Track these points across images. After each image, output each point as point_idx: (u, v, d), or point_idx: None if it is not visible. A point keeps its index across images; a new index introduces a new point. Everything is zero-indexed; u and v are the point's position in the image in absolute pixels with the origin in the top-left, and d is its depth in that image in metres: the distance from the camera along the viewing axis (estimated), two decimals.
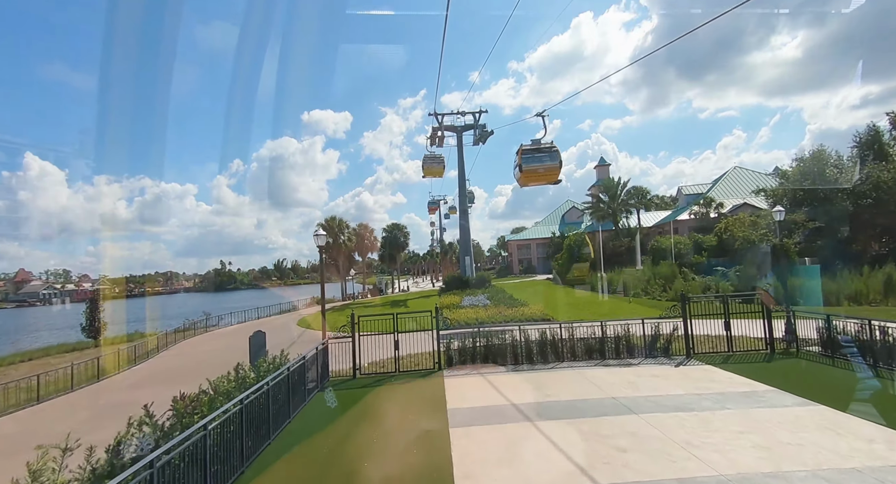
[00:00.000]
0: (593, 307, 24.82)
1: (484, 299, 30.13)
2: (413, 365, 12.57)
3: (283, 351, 10.34)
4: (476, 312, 23.85)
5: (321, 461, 6.91)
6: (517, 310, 23.77)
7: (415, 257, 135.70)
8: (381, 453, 7.05)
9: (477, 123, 43.81)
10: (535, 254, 60.36)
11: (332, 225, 43.10)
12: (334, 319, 26.62)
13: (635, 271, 35.32)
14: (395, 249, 50.52)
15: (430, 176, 40.81)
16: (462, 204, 42.81)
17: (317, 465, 6.80)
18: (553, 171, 13.77)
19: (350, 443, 7.57)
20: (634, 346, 12.58)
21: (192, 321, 36.57)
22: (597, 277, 35.45)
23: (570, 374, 11.03)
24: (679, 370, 10.88)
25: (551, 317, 22.15)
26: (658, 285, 31.27)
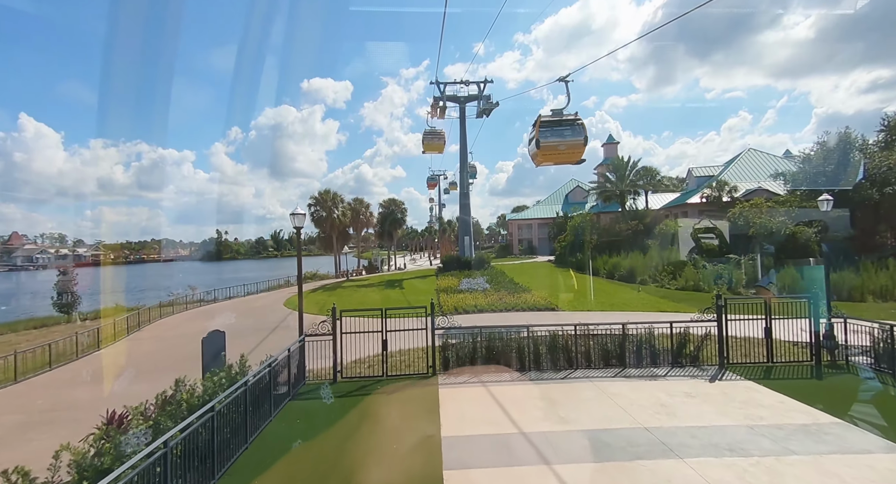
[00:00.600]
0: (600, 295, 23.21)
1: (483, 283, 28.51)
2: (404, 366, 10.91)
3: (244, 357, 8.61)
4: (475, 298, 22.25)
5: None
6: (519, 297, 22.16)
7: (413, 233, 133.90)
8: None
9: (481, 94, 41.26)
10: (536, 234, 58.58)
11: (325, 198, 41.05)
12: (324, 299, 24.99)
13: (642, 256, 33.60)
14: (392, 225, 48.61)
15: (430, 152, 39.51)
16: (463, 181, 40.70)
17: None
18: (576, 149, 11.61)
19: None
20: (658, 350, 10.91)
21: (177, 295, 35.02)
22: (602, 262, 33.81)
23: (586, 387, 9.39)
24: (717, 387, 9.24)
25: (555, 306, 20.56)
26: (667, 272, 29.65)
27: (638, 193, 42.48)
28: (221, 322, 20.12)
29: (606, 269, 32.81)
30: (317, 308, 22.03)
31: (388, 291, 26.81)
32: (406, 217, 53.46)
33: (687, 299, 22.21)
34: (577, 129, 11.38)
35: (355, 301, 23.81)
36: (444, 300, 21.95)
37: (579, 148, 11.56)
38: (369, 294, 25.88)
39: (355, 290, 28.61)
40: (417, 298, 23.80)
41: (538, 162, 11.94)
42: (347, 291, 27.91)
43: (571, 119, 11.52)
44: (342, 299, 24.33)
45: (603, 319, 17.97)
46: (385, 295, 25.21)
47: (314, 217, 40.81)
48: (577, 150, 11.61)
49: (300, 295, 11.02)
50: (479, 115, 42.38)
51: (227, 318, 21.29)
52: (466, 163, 40.85)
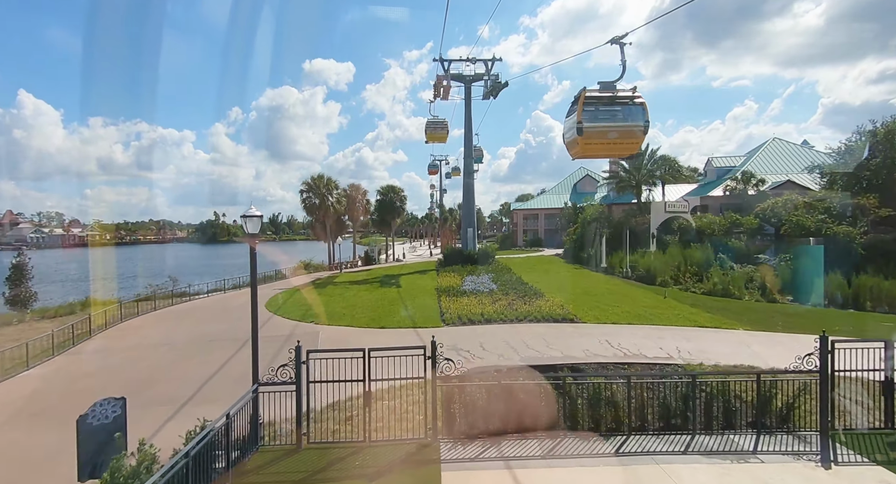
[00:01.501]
0: (622, 301, 20.48)
1: (489, 282, 25.75)
2: (395, 423, 8.12)
3: (145, 449, 5.79)
4: (481, 303, 19.51)
5: None
6: (532, 304, 19.41)
7: (413, 220, 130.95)
8: None
9: (489, 73, 37.85)
10: (542, 225, 55.66)
11: (318, 184, 38.04)
12: (310, 300, 22.27)
13: (661, 254, 30.79)
14: (390, 213, 45.64)
15: (433, 141, 37.67)
16: (467, 168, 37.61)
17: None
18: (632, 138, 8.32)
19: None
20: (734, 405, 8.15)
21: (156, 288, 32.30)
22: (617, 260, 31.01)
23: (650, 473, 6.66)
24: (837, 478, 6.50)
25: (574, 316, 17.84)
26: (691, 273, 26.91)
27: (655, 184, 39.46)
28: (185, 330, 17.41)
29: (622, 267, 30.03)
30: (300, 312, 19.32)
31: (384, 291, 24.06)
32: (405, 205, 50.51)
33: (722, 309, 19.50)
34: (636, 111, 8.26)
35: (345, 303, 21.08)
36: (447, 305, 19.23)
37: (636, 136, 8.38)
38: (361, 294, 23.14)
39: (347, 288, 25.86)
40: (416, 301, 21.09)
41: (578, 153, 8.76)
42: (339, 289, 25.17)
43: (628, 96, 8.42)
44: (331, 301, 21.61)
45: (632, 334, 15.34)
46: (380, 296, 22.47)
47: (306, 204, 37.90)
48: (634, 140, 8.42)
49: (254, 336, 8.15)
50: (485, 96, 38.99)
51: (194, 322, 18.58)
52: (471, 148, 37.72)
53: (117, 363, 13.06)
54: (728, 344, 13.91)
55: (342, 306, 20.40)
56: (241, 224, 35.38)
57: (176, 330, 17.31)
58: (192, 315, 20.10)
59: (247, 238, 7.62)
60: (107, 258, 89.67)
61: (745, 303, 21.77)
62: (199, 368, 12.19)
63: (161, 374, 11.91)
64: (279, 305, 20.94)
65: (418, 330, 16.18)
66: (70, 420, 6.10)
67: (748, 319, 17.41)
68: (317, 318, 18.20)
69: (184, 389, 10.64)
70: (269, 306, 20.90)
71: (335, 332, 16.20)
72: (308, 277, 33.92)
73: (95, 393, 10.27)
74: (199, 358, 13.29)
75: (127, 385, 11.16)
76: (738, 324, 16.70)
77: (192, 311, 21.21)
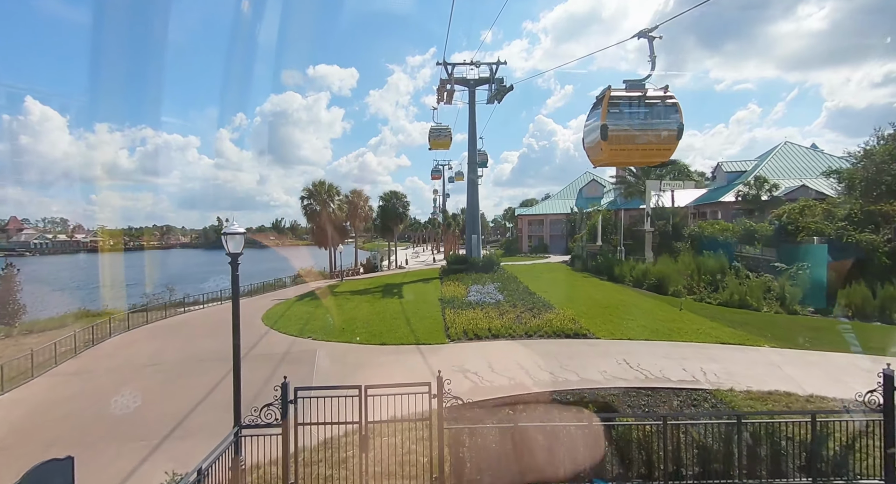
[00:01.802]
0: (636, 314, 19.45)
1: (495, 292, 24.78)
2: (395, 471, 7.10)
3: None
4: (488, 316, 18.51)
5: None
6: (541, 317, 18.40)
7: (416, 224, 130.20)
8: None
9: (493, 77, 37.05)
10: (548, 231, 54.66)
11: (319, 191, 37.23)
12: (308, 312, 21.35)
13: (673, 262, 29.75)
14: (393, 220, 44.74)
15: (436, 148, 37.31)
16: (472, 173, 36.75)
17: None
18: (664, 144, 7.24)
19: None
20: (784, 449, 7.13)
21: (152, 298, 31.46)
22: (628, 268, 29.96)
23: None
24: None
25: (588, 331, 16.83)
26: (705, 282, 25.88)
27: (664, 189, 38.45)
28: (175, 348, 16.50)
29: (633, 276, 28.98)
30: (298, 326, 18.37)
31: (386, 303, 23.11)
32: (408, 210, 49.65)
33: (743, 322, 18.43)
34: (668, 112, 7.28)
35: (345, 316, 20.14)
36: (452, 319, 18.25)
37: (669, 141, 7.34)
38: (362, 306, 22.19)
39: (347, 298, 24.91)
40: (419, 313, 20.12)
41: (603, 160, 7.75)
42: (339, 300, 24.22)
43: (658, 95, 7.43)
44: (330, 314, 20.67)
45: (651, 353, 14.26)
46: (381, 309, 21.53)
47: (307, 211, 37.08)
48: (667, 145, 7.38)
49: (236, 363, 7.23)
50: (490, 100, 38.27)
51: (186, 338, 17.66)
52: (476, 154, 36.87)
53: (97, 388, 12.14)
54: (756, 364, 12.88)
55: (342, 320, 19.46)
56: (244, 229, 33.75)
57: (166, 348, 16.39)
58: (184, 330, 19.18)
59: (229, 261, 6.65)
60: (107, 265, 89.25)
61: (764, 315, 20.70)
62: (186, 394, 11.27)
63: (143, 400, 10.97)
64: (276, 319, 20.01)
65: (421, 347, 15.22)
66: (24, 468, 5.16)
67: (772, 335, 16.35)
68: (315, 333, 17.26)
69: (165, 421, 9.71)
70: (266, 320, 19.98)
71: (334, 349, 15.25)
72: (308, 286, 33.02)
73: (64, 430, 9.31)
74: (187, 381, 12.37)
75: (102, 417, 10.26)
76: (763, 340, 15.65)
77: (185, 325, 20.29)
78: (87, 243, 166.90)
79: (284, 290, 31.44)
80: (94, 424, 9.84)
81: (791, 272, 24.34)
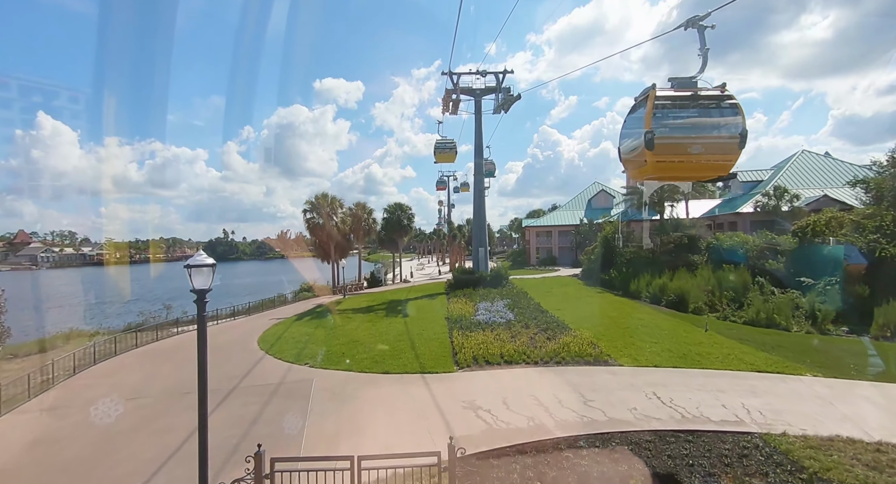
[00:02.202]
0: (659, 336, 18.05)
1: (504, 310, 23.45)
2: None
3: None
4: (499, 339, 17.16)
5: None
6: (557, 339, 17.03)
7: (421, 235, 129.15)
8: None
9: (500, 86, 36.17)
10: (556, 243, 53.28)
11: (322, 203, 36.23)
12: (308, 335, 20.10)
13: (691, 277, 28.33)
14: (397, 232, 43.60)
15: (441, 161, 37.21)
16: (478, 185, 35.65)
17: None
18: (726, 154, 5.83)
19: None
20: None
21: (148, 316, 30.37)
22: (644, 283, 28.53)
23: None
24: None
25: (609, 356, 15.46)
26: (727, 299, 24.43)
27: (678, 200, 37.12)
28: (161, 377, 15.30)
29: (649, 292, 27.58)
30: (295, 351, 17.11)
31: (389, 322, 21.84)
32: (413, 223, 48.52)
33: (776, 345, 16.95)
34: (727, 115, 5.95)
35: (346, 338, 18.89)
36: (460, 343, 16.93)
37: (730, 151, 5.96)
38: (364, 326, 20.91)
39: (349, 318, 23.65)
40: (424, 335, 18.82)
41: (646, 172, 6.30)
42: (340, 320, 22.98)
43: (715, 95, 6.11)
44: (330, 336, 19.44)
45: (684, 385, 12.64)
46: (384, 329, 20.26)
47: (309, 224, 36.05)
48: (727, 156, 5.98)
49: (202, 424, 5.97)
50: (496, 110, 37.33)
51: (175, 365, 16.46)
52: (483, 164, 35.84)
53: (65, 430, 10.89)
54: (803, 399, 11.45)
55: (342, 342, 18.20)
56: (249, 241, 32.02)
57: (153, 377, 15.18)
58: (175, 355, 17.97)
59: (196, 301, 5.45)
60: (110, 279, 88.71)
61: (795, 336, 19.21)
62: (164, 439, 10.01)
63: (114, 447, 9.73)
64: (273, 342, 18.78)
65: (427, 376, 13.91)
66: None
67: (812, 361, 14.90)
68: (313, 358, 16.01)
69: (136, 474, 8.45)
70: (262, 343, 18.74)
71: (332, 378, 13.97)
72: (309, 302, 31.85)
73: None
74: (169, 420, 11.13)
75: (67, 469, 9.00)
76: (803, 367, 14.19)
77: (176, 349, 19.08)
78: (94, 256, 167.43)
79: (285, 307, 30.24)
80: (56, 479, 8.60)
81: (820, 288, 22.89)
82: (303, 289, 43.71)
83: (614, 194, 54.75)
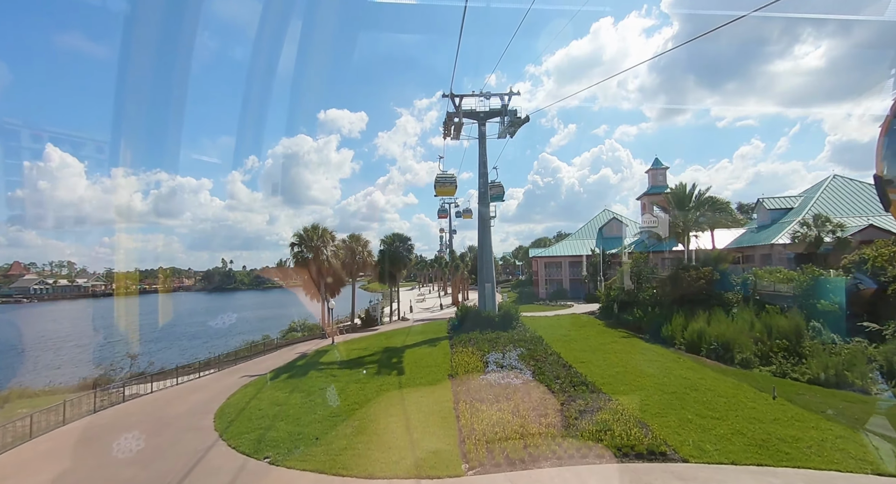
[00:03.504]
0: (723, 409, 14.25)
1: (518, 363, 19.67)
2: None
3: None
4: (518, 418, 13.36)
5: None
6: (592, 416, 13.28)
7: (422, 263, 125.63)
8: None
9: (506, 109, 33.49)
10: (566, 274, 49.62)
11: (311, 236, 32.88)
12: (280, 399, 16.31)
13: (728, 320, 24.69)
14: (396, 266, 40.11)
15: (442, 195, 36.71)
16: (483, 215, 32.40)
17: None
18: None
19: None
20: None
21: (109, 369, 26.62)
22: (678, 327, 24.71)
23: None
24: None
25: (665, 443, 11.67)
26: (778, 348, 20.71)
27: (703, 230, 33.75)
28: (79, 476, 11.53)
29: (685, 338, 23.79)
30: (257, 433, 13.31)
31: (380, 384, 18.04)
32: (412, 254, 45.14)
33: (882, 427, 13.09)
34: None
35: (323, 412, 15.11)
36: (469, 421, 13.19)
37: None
38: (349, 391, 17.10)
39: (332, 375, 19.83)
40: (422, 406, 15.05)
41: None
42: (320, 380, 19.12)
43: None
44: (304, 408, 15.65)
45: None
46: (371, 394, 16.50)
47: (297, 259, 32.62)
48: None
49: None
50: (501, 134, 34.62)
51: (103, 452, 12.69)
52: (487, 193, 32.69)
53: None
54: None
55: (319, 417, 14.43)
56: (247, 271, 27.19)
57: (72, 472, 11.43)
58: (109, 434, 14.15)
59: None
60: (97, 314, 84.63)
61: (884, 403, 15.41)
62: None
63: None
64: (233, 417, 14.98)
65: (424, 482, 10.14)
66: None
67: None
68: (277, 447, 12.25)
69: None
70: (219, 419, 14.94)
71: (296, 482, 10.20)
72: (294, 349, 28.06)
73: None
74: None
75: None
76: None
77: (114, 425, 15.27)
78: (89, 288, 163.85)
79: (264, 357, 26.44)
80: None
81: (888, 333, 19.22)
82: (291, 329, 39.94)
83: (627, 223, 51.49)
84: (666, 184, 47.76)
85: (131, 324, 61.39)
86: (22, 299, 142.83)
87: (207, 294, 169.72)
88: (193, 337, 48.62)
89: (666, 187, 46.41)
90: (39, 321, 74.39)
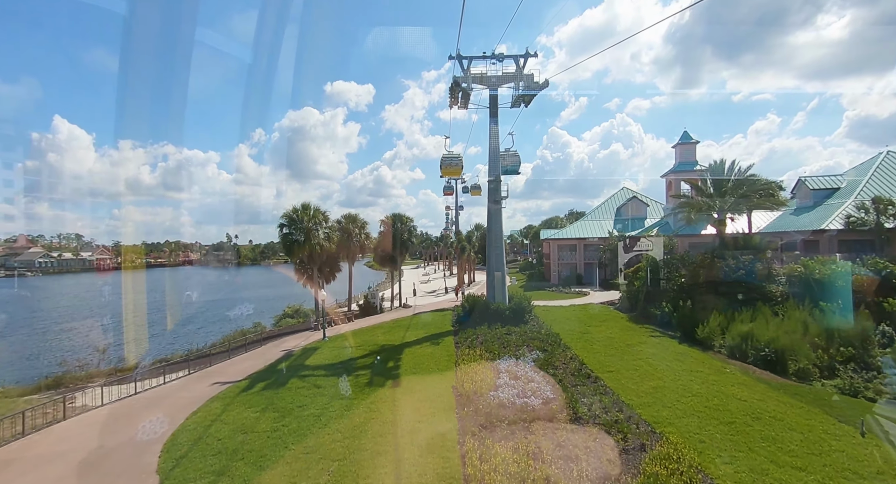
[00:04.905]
0: (798, 447, 11.12)
1: (533, 374, 16.61)
2: None
3: None
4: (541, 463, 10.39)
5: None
6: (639, 464, 10.26)
7: (427, 241, 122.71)
8: None
9: (521, 72, 29.52)
10: (581, 258, 46.21)
11: (302, 217, 29.61)
12: (248, 423, 13.39)
13: (778, 319, 21.38)
14: (397, 249, 36.93)
15: (448, 176, 36.51)
16: (493, 195, 28.85)
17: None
18: None
19: None
20: None
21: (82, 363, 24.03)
22: (717, 326, 21.36)
23: None
24: None
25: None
26: (843, 357, 17.54)
27: (741, 211, 29.97)
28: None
29: (729, 340, 20.50)
30: (211, 477, 10.43)
31: (372, 400, 15.08)
32: (415, 235, 41.97)
33: None
34: None
35: (293, 449, 12.17)
36: (476, 467, 10.17)
37: None
38: (331, 410, 14.18)
39: (316, 386, 16.87)
40: (419, 436, 12.07)
41: None
42: (301, 393, 16.18)
43: None
44: (275, 436, 12.71)
45: None
46: (360, 421, 13.53)
47: (286, 242, 29.47)
48: None
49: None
50: (514, 102, 30.76)
51: None
52: (498, 168, 29.01)
53: None
54: None
55: (288, 456, 11.48)
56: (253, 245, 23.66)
57: None
58: (20, 480, 11.34)
59: None
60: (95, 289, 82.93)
61: None
62: None
63: None
64: (186, 449, 12.08)
65: None
66: None
67: None
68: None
69: None
70: (167, 453, 12.02)
71: None
72: (280, 344, 25.22)
73: None
74: None
75: None
76: None
77: (35, 461, 12.47)
78: (94, 261, 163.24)
79: (245, 356, 23.62)
80: None
81: None
82: (285, 314, 37.28)
83: (648, 202, 47.61)
84: (695, 160, 43.56)
85: (128, 304, 59.31)
86: (26, 273, 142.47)
87: (213, 269, 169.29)
88: (187, 322, 46.27)
89: (695, 164, 42.32)
90: (43, 297, 72.73)
